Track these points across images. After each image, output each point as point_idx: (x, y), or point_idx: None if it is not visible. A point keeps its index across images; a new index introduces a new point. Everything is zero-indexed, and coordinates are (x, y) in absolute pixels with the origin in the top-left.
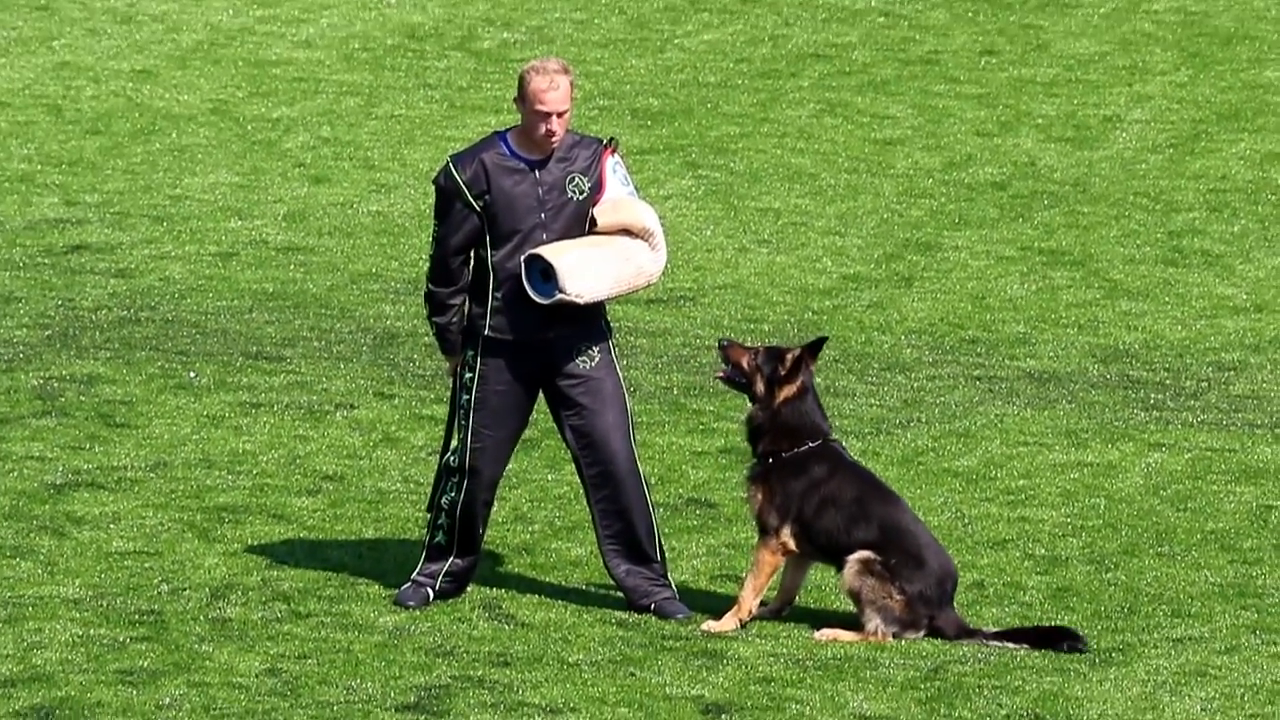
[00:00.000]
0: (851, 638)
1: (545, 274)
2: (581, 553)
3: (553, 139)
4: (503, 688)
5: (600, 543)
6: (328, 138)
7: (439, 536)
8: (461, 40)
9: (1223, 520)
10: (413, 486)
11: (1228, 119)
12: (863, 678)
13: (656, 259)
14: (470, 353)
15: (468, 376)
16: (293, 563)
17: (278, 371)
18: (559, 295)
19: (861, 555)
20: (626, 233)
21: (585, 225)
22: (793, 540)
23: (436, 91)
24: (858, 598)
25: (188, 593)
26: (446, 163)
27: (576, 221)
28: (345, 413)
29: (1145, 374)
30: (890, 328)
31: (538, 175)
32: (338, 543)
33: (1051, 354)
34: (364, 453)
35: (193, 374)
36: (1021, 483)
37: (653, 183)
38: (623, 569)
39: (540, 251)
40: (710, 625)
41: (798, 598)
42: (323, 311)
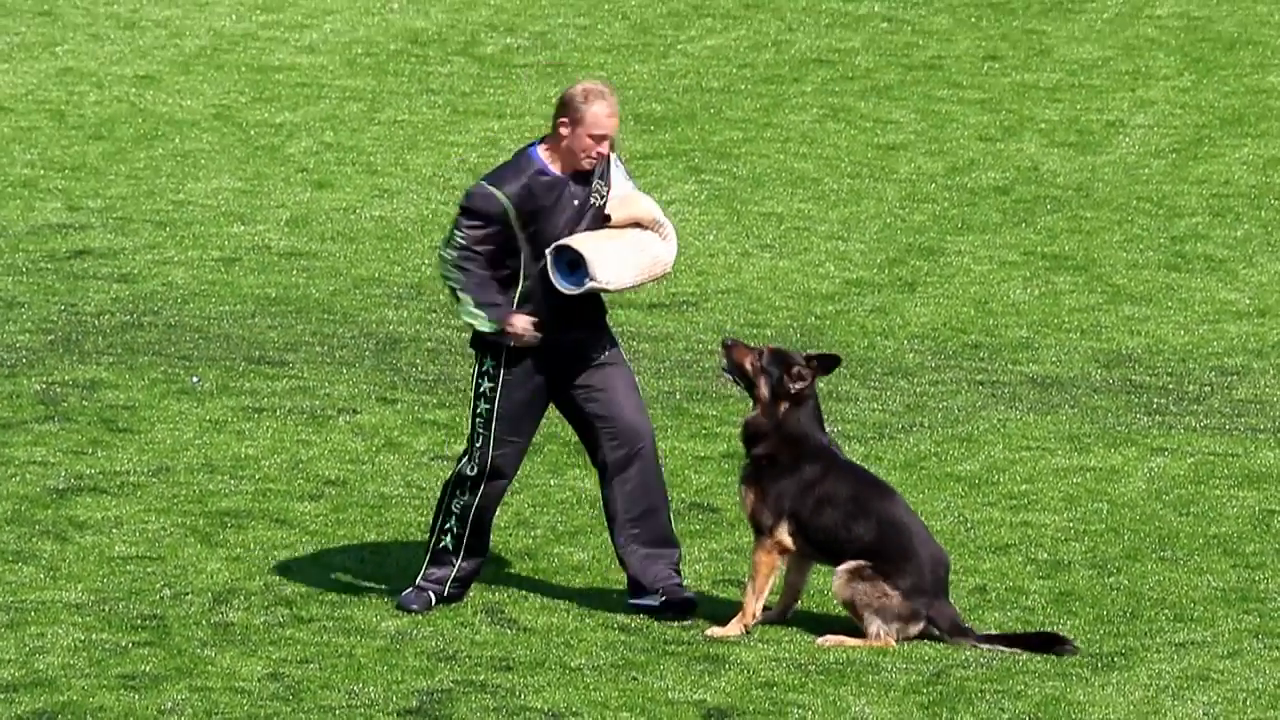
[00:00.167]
0: (855, 643)
1: (572, 264)
2: (584, 557)
3: (599, 160)
4: (505, 692)
5: (617, 532)
6: (330, 143)
7: (445, 541)
8: (464, 45)
9: (1225, 525)
10: (415, 491)
11: (1231, 124)
12: (865, 682)
13: (669, 248)
14: (491, 362)
15: (488, 386)
16: (295, 567)
17: (280, 376)
18: (589, 284)
19: (848, 565)
20: (637, 225)
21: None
22: (789, 538)
23: (439, 97)
24: (853, 606)
25: (190, 597)
26: (485, 187)
27: (598, 223)
28: (348, 418)
29: (1148, 379)
30: (893, 332)
31: (573, 189)
32: (340, 547)
33: (1054, 359)
34: (366, 458)
35: (195, 379)
36: (1024, 487)
37: (656, 187)
38: (641, 554)
39: (567, 242)
40: (714, 631)
41: (800, 601)
42: (325, 316)
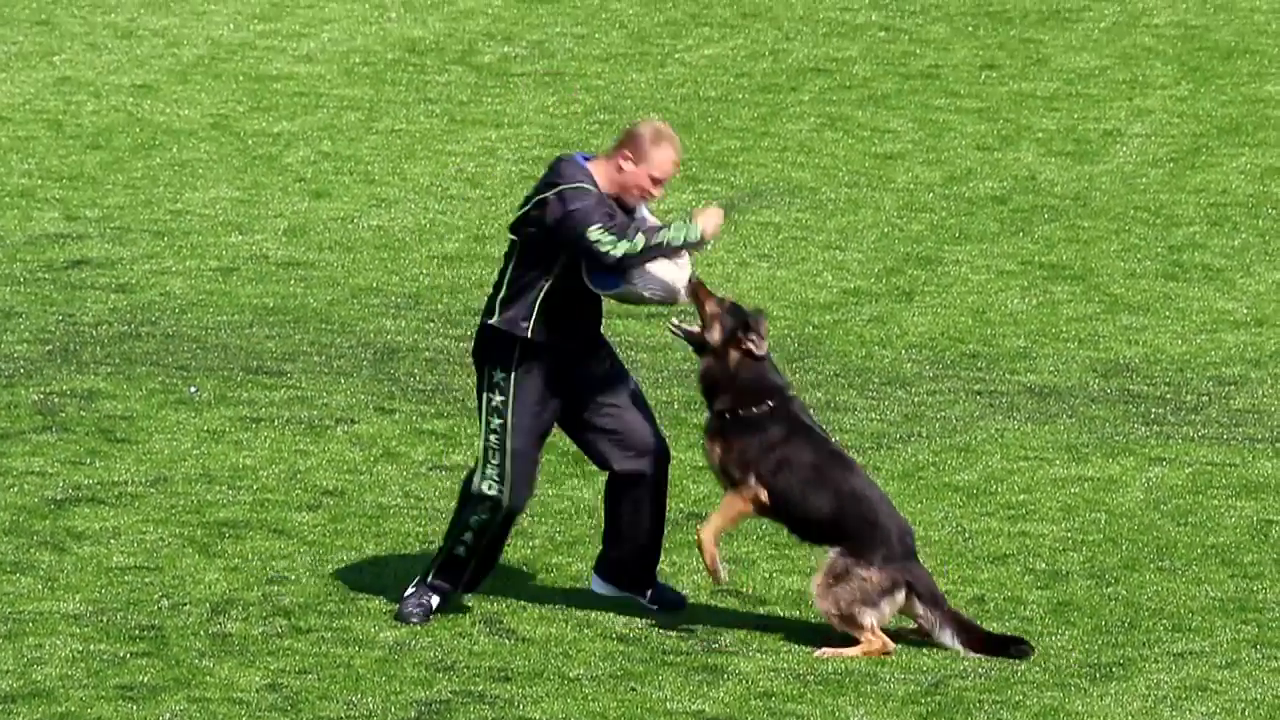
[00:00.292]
0: (852, 652)
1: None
2: (582, 568)
3: (646, 200)
4: (503, 703)
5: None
6: (328, 152)
7: (459, 550)
8: (462, 54)
9: (1223, 535)
10: (413, 501)
11: (1228, 133)
12: (863, 692)
13: (683, 275)
14: (500, 374)
15: (499, 400)
16: (293, 578)
17: (278, 386)
18: (624, 286)
19: (820, 574)
20: None
21: None
22: (763, 491)
23: (437, 106)
24: (839, 615)
25: (188, 608)
26: (579, 187)
27: None
28: (345, 428)
29: (1146, 388)
30: (891, 342)
31: (614, 210)
32: (338, 558)
33: (1052, 368)
34: (364, 468)
35: (193, 389)
36: (1022, 497)
37: None
38: (617, 565)
39: None
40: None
41: (799, 610)
42: (323, 326)
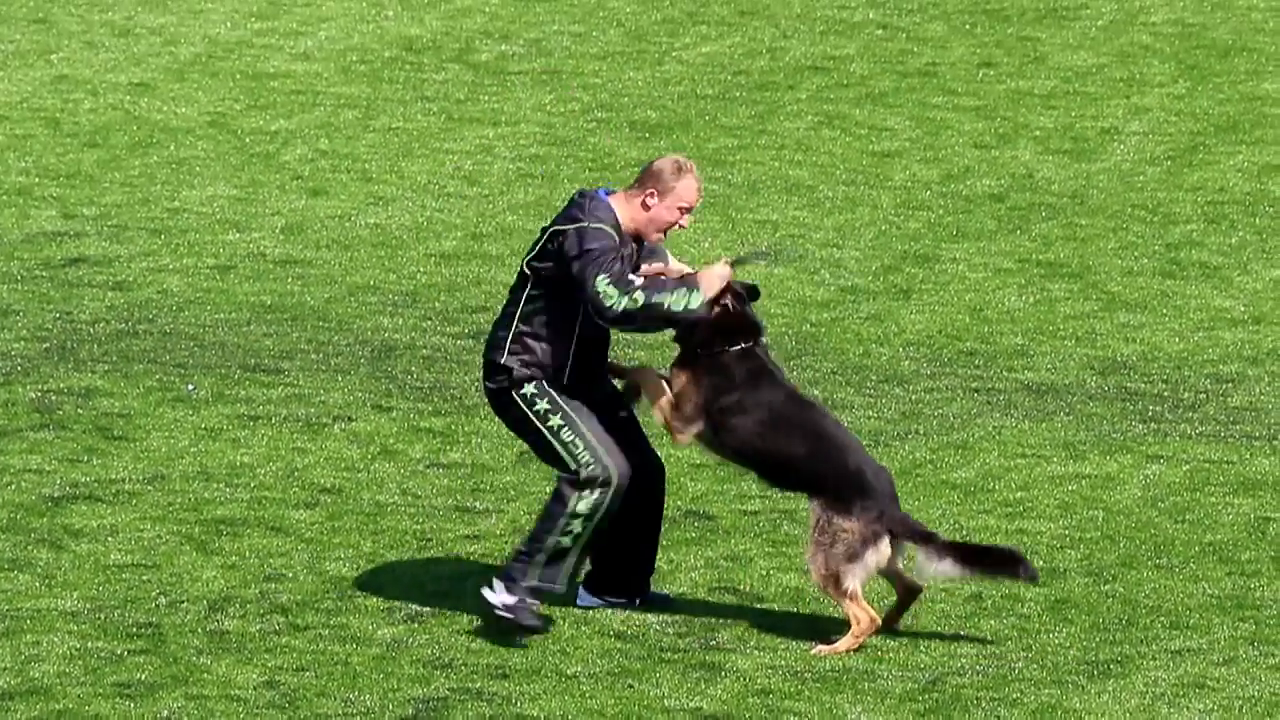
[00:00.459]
0: (847, 645)
1: None
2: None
3: (673, 229)
4: (501, 700)
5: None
6: (325, 150)
7: (565, 540)
8: (459, 53)
9: (1221, 532)
10: (411, 499)
11: (1226, 131)
12: (861, 689)
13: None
14: (531, 389)
15: (544, 405)
16: (291, 575)
17: (275, 384)
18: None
19: (809, 534)
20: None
21: None
22: (694, 435)
23: (434, 104)
24: (830, 580)
25: (186, 605)
26: (602, 228)
27: None
28: (343, 425)
29: (1143, 386)
30: (888, 340)
31: (630, 248)
32: (336, 555)
33: (1049, 366)
34: (362, 465)
35: (190, 387)
36: (1019, 495)
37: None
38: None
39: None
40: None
41: (796, 604)
42: (320, 324)
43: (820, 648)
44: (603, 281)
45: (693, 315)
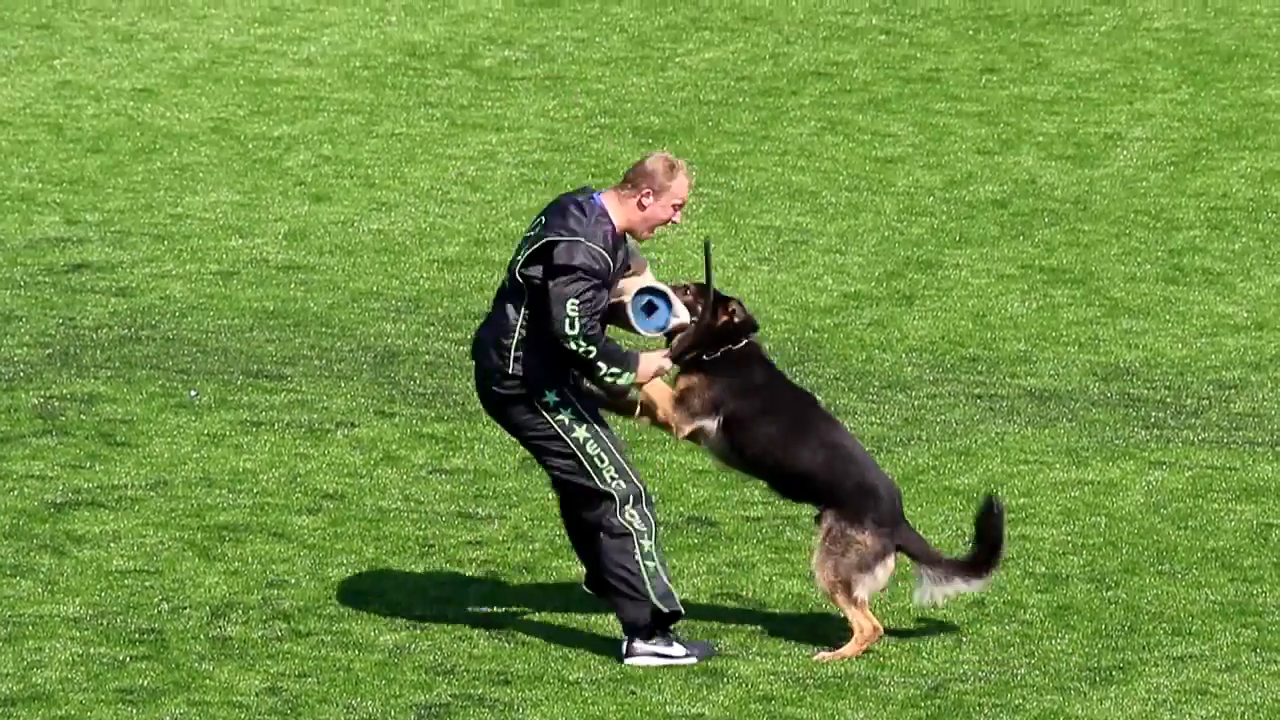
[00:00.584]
0: (850, 651)
1: (648, 308)
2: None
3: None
4: (503, 706)
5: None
6: (328, 156)
7: (652, 565)
8: (462, 58)
9: (1223, 538)
10: (413, 505)
11: (1228, 137)
12: (863, 696)
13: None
14: (554, 396)
15: (568, 415)
16: (293, 581)
17: (278, 390)
18: (674, 321)
19: (818, 545)
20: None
21: None
22: (694, 430)
23: (437, 109)
24: (838, 586)
25: (188, 611)
26: (593, 248)
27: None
28: (346, 431)
29: (1146, 392)
30: (891, 346)
31: (623, 248)
32: (338, 561)
33: (1052, 372)
34: (364, 471)
35: (193, 393)
36: (1022, 501)
37: None
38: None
39: (655, 285)
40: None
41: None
42: (323, 330)
43: (823, 654)
44: (573, 307)
45: (609, 387)
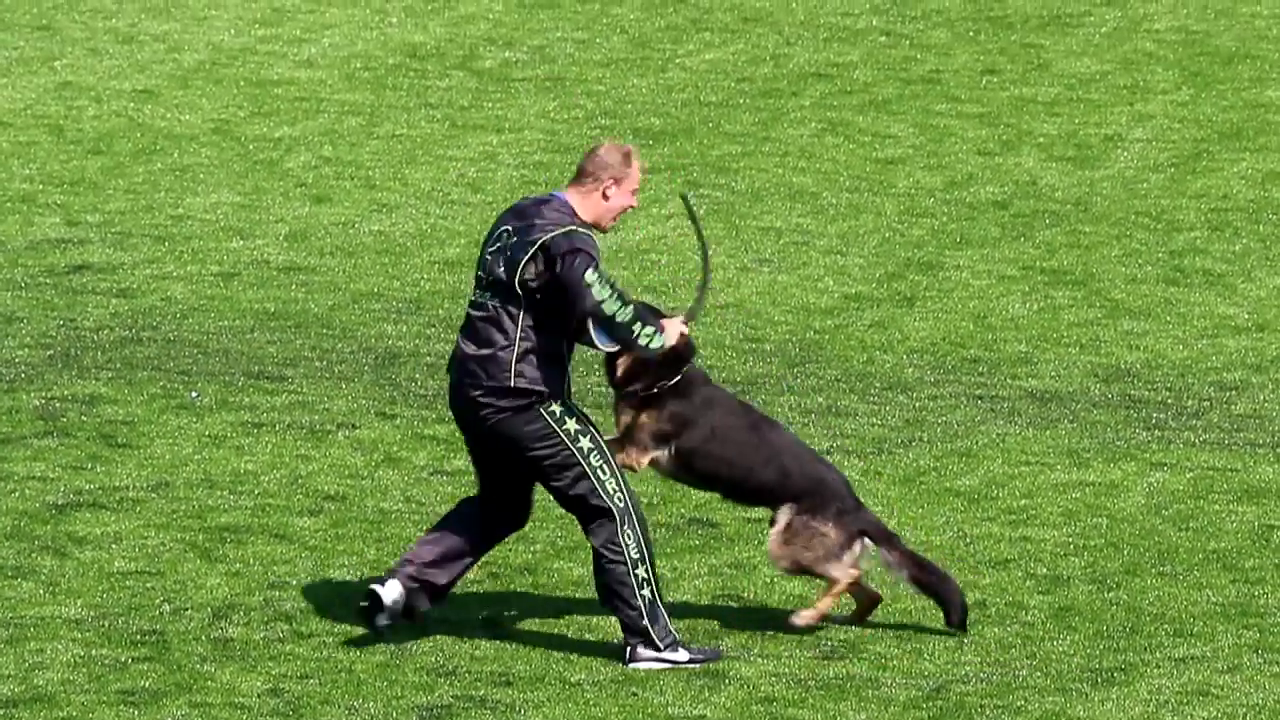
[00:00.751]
0: (827, 604)
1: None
2: (583, 572)
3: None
4: (505, 708)
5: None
6: (329, 157)
7: (647, 591)
8: (463, 59)
9: (1225, 540)
10: (414, 506)
11: (1229, 138)
12: (865, 697)
13: None
14: (558, 406)
15: (574, 425)
16: (295, 583)
17: (279, 391)
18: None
19: (777, 529)
20: None
21: None
22: (649, 461)
23: (438, 111)
24: (799, 566)
25: (189, 613)
26: (590, 233)
27: None
28: (347, 432)
29: (1147, 393)
30: (892, 347)
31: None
32: (340, 563)
33: (1053, 373)
34: (366, 472)
35: (194, 394)
36: (1023, 502)
37: (654, 202)
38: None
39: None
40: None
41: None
42: (324, 331)
43: (799, 615)
44: (595, 279)
45: (645, 354)
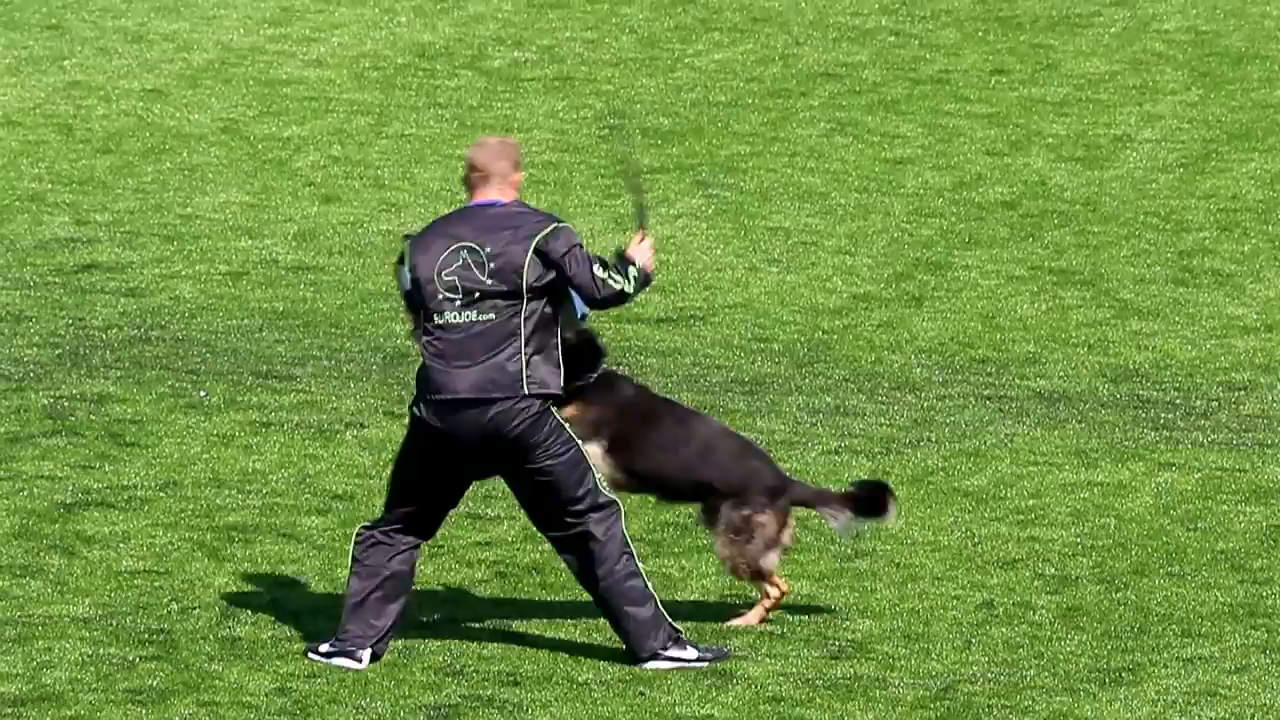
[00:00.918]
0: (756, 615)
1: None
2: None
3: None
4: (512, 707)
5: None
6: (338, 157)
7: (639, 579)
8: (472, 59)
9: (1233, 540)
10: None
11: (1238, 138)
12: (872, 697)
13: None
14: (557, 410)
15: (571, 429)
16: (303, 582)
17: (288, 390)
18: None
19: (721, 530)
20: None
21: None
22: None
23: (447, 110)
24: (748, 568)
25: (197, 612)
26: (563, 226)
27: None
28: (355, 432)
29: (1155, 394)
30: (900, 347)
31: None
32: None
33: (1062, 373)
34: (374, 472)
35: (203, 393)
36: (1031, 502)
37: (663, 202)
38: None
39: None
40: None
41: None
42: (333, 330)
43: (734, 621)
44: (599, 268)
45: (638, 295)
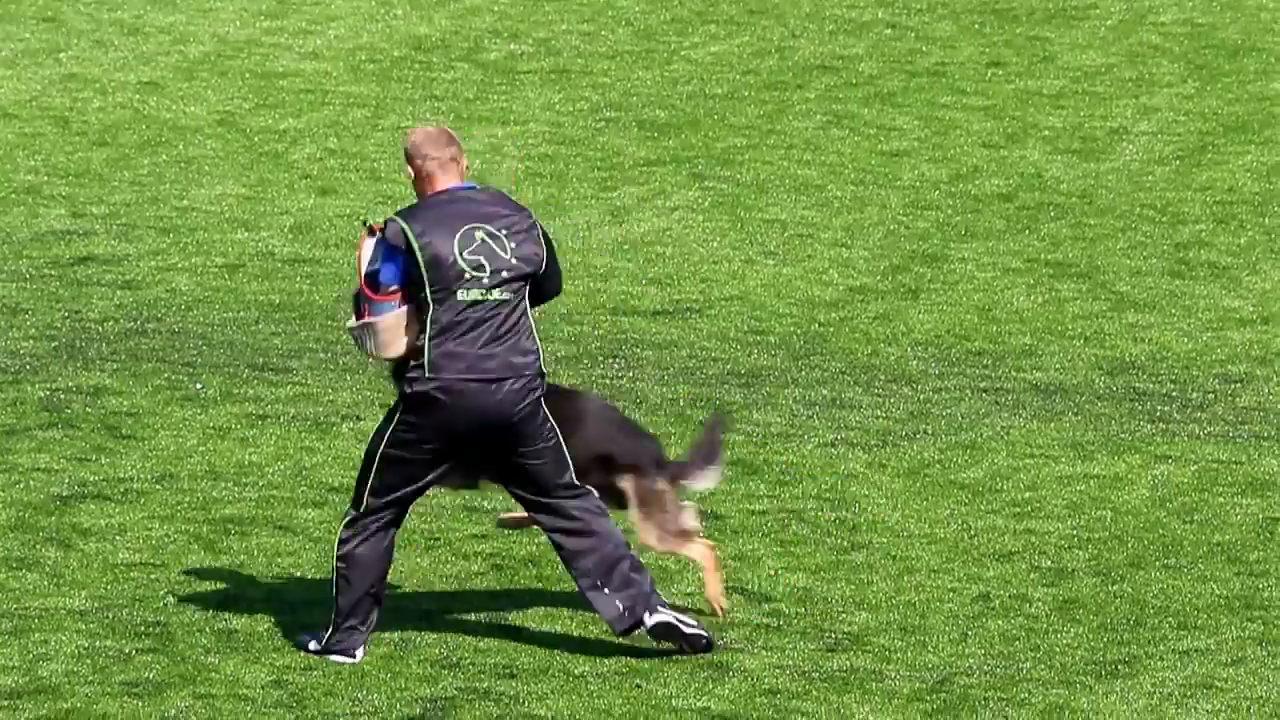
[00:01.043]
0: (716, 579)
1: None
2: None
3: None
4: (508, 699)
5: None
6: (334, 149)
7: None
8: (468, 52)
9: (1229, 532)
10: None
11: (1235, 131)
12: (868, 689)
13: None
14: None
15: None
16: (299, 574)
17: (284, 383)
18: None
19: (634, 508)
20: None
21: None
22: None
23: (443, 103)
24: (669, 539)
25: (193, 604)
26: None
27: None
28: (351, 424)
29: (1152, 386)
30: (896, 339)
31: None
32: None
33: (1058, 366)
34: None
35: (199, 386)
36: (1028, 495)
37: (659, 194)
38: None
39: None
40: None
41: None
42: (329, 323)
43: (709, 596)
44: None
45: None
